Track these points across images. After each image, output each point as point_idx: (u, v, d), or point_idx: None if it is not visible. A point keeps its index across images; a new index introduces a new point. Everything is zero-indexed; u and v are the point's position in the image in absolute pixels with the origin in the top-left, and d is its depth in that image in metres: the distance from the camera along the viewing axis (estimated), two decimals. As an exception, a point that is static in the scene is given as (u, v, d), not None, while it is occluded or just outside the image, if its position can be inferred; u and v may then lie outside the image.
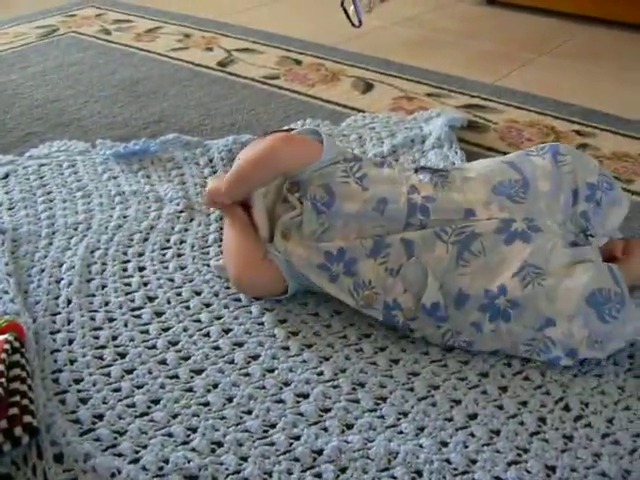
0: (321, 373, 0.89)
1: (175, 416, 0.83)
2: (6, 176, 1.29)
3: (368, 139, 1.43)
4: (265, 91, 1.67)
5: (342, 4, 1.91)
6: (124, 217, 1.18)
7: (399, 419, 0.83)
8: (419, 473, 0.76)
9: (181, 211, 1.19)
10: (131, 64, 1.81)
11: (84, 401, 0.84)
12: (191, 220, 1.18)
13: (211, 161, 1.34)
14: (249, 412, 0.83)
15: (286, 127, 1.46)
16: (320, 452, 0.79)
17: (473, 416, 0.83)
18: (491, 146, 1.46)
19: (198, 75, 1.75)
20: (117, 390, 0.86)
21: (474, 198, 0.94)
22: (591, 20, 2.19)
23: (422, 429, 0.81)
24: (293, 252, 0.97)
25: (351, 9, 1.93)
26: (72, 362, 0.90)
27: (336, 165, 0.99)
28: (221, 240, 1.12)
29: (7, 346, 0.82)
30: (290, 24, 2.14)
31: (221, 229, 1.14)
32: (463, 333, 0.89)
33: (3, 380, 0.77)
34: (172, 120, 1.51)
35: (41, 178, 1.29)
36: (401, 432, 0.81)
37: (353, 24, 1.94)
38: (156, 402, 0.84)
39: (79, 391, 0.86)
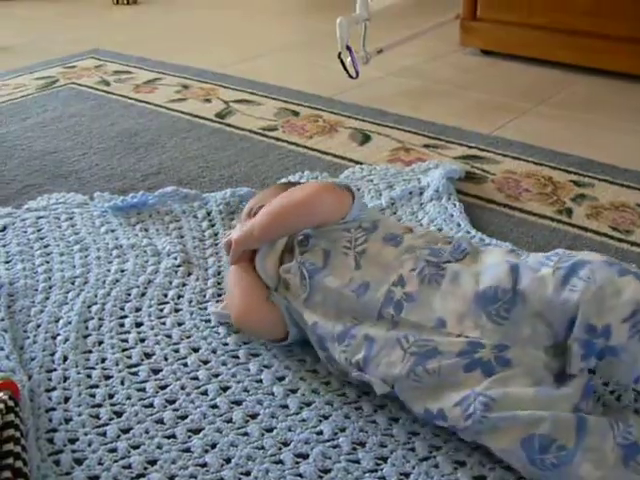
0: (320, 432, 0.87)
1: (172, 477, 0.81)
2: (3, 229, 1.29)
3: (366, 191, 1.44)
4: (263, 143, 1.68)
5: (339, 56, 1.93)
6: (122, 271, 1.17)
7: (401, 479, 0.81)
8: (422, 538, 0.74)
9: (179, 265, 1.18)
10: (130, 115, 1.82)
11: (79, 462, 0.83)
12: (189, 274, 1.17)
13: (209, 214, 1.34)
14: (247, 473, 0.82)
15: (285, 179, 1.47)
16: (320, 516, 0.77)
17: (480, 478, 0.81)
18: (489, 198, 1.46)
19: (196, 126, 1.76)
20: (113, 450, 0.84)
21: (452, 307, 0.86)
22: (587, 70, 2.22)
23: (424, 491, 0.80)
24: (292, 302, 0.97)
25: (348, 60, 1.95)
26: (67, 421, 0.88)
27: (347, 232, 0.98)
28: (219, 295, 1.11)
29: (1, 406, 0.81)
30: (288, 75, 2.17)
31: (219, 284, 1.14)
32: None
33: (-4, 443, 0.75)
34: (170, 172, 1.52)
35: (39, 231, 1.28)
36: None
37: (350, 75, 1.96)
38: (153, 463, 0.83)
39: (74, 451, 0.84)
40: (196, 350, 1.01)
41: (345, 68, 1.95)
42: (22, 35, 2.65)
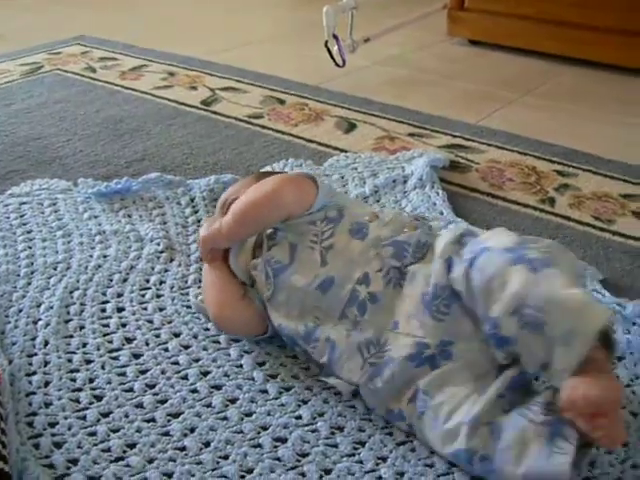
0: (299, 417, 0.88)
1: (151, 461, 0.81)
2: (-14, 214, 1.28)
3: (350, 179, 1.44)
4: (248, 130, 1.68)
5: (326, 44, 1.93)
6: (104, 257, 1.17)
7: (378, 464, 0.82)
8: (397, 520, 0.75)
9: (161, 251, 1.19)
10: (115, 102, 1.82)
11: (58, 445, 0.83)
12: (171, 260, 1.17)
13: (192, 200, 1.34)
14: (226, 457, 0.82)
15: (269, 167, 1.47)
16: (297, 499, 0.78)
17: (454, 463, 0.82)
18: (473, 187, 1.47)
19: (182, 114, 1.76)
20: (92, 434, 0.85)
21: (404, 309, 0.86)
22: (573, 61, 2.23)
23: (402, 474, 0.81)
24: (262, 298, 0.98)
25: (335, 49, 1.95)
26: (47, 405, 0.88)
27: (313, 226, 0.96)
28: (201, 281, 1.11)
29: (-20, 390, 0.81)
30: (275, 64, 2.16)
31: (201, 270, 1.13)
32: None
33: (-25, 426, 0.76)
34: (155, 159, 1.52)
35: (21, 217, 1.28)
36: (380, 477, 0.80)
37: (337, 64, 1.96)
38: (132, 446, 0.83)
39: (53, 435, 0.84)
40: (177, 335, 1.01)
41: (332, 56, 1.95)
42: (5, 22, 2.62)
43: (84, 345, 0.98)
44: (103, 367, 0.95)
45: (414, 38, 2.47)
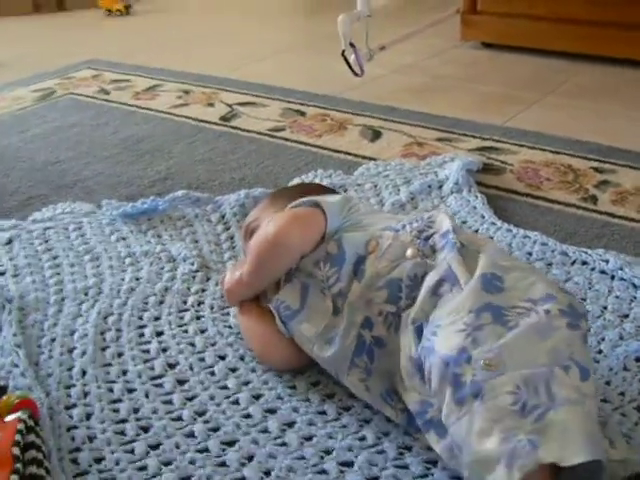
0: (363, 438, 0.82)
1: (209, 495, 0.75)
2: (9, 242, 1.23)
3: (383, 187, 1.38)
4: (272, 144, 1.63)
5: (343, 53, 1.88)
6: (137, 279, 1.11)
7: (453, 485, 0.76)
8: None
9: (196, 270, 1.13)
10: (132, 122, 1.77)
11: (107, 483, 0.77)
12: (207, 280, 1.11)
13: (223, 217, 1.28)
14: (289, 486, 0.76)
15: (297, 179, 1.42)
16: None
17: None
18: (510, 188, 1.41)
19: (202, 131, 1.71)
20: (143, 468, 0.78)
21: (402, 363, 0.79)
22: (590, 58, 2.19)
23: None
24: None
25: (352, 58, 1.90)
26: (91, 439, 0.82)
27: (317, 269, 0.88)
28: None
29: (21, 426, 0.75)
30: (290, 76, 2.12)
31: (240, 287, 1.07)
32: None
33: (19, 465, 0.69)
34: (179, 177, 1.46)
35: (46, 242, 1.22)
36: (457, 500, 0.74)
37: (355, 73, 1.91)
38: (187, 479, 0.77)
39: (101, 471, 0.78)
40: (222, 358, 0.95)
41: (349, 66, 1.90)
42: (15, 49, 2.59)
43: (124, 373, 0.92)
44: (147, 395, 0.88)
45: (427, 45, 2.43)
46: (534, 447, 0.61)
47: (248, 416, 0.85)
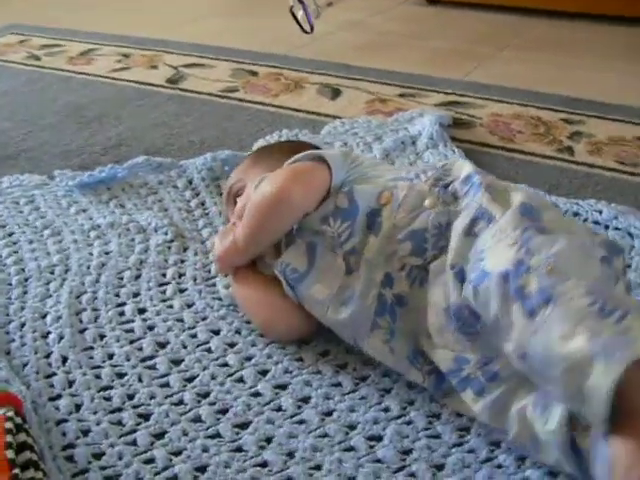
0: (387, 409, 0.75)
1: (229, 484, 0.67)
2: (-46, 220, 1.10)
3: (355, 145, 1.31)
4: (226, 105, 1.53)
5: (291, 9, 1.80)
6: (106, 253, 1.01)
7: (492, 450, 0.71)
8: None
9: (171, 240, 1.03)
10: (70, 89, 1.63)
11: (112, 480, 0.68)
12: (185, 250, 1.02)
13: (190, 182, 1.19)
14: (318, 467, 0.69)
15: (262, 141, 1.33)
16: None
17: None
18: (483, 142, 1.37)
19: (148, 95, 1.59)
20: (150, 461, 0.70)
21: (431, 320, 0.73)
22: (535, 12, 2.17)
23: (523, 459, 0.69)
24: None
25: (300, 14, 1.81)
26: (85, 433, 0.73)
27: (327, 225, 0.81)
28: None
29: (9, 425, 0.65)
30: (234, 37, 2.01)
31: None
32: None
33: (17, 471, 0.60)
34: (133, 143, 1.35)
35: (-4, 219, 1.10)
36: (499, 465, 0.69)
37: (304, 30, 1.83)
38: (202, 470, 0.69)
39: (103, 468, 0.69)
40: (217, 333, 0.86)
41: (298, 23, 1.82)
42: None
43: (110, 357, 0.83)
44: (140, 379, 0.79)
45: (370, 2, 2.36)
46: (628, 341, 0.56)
47: (257, 394, 0.77)
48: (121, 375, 0.80)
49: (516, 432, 0.66)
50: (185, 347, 0.84)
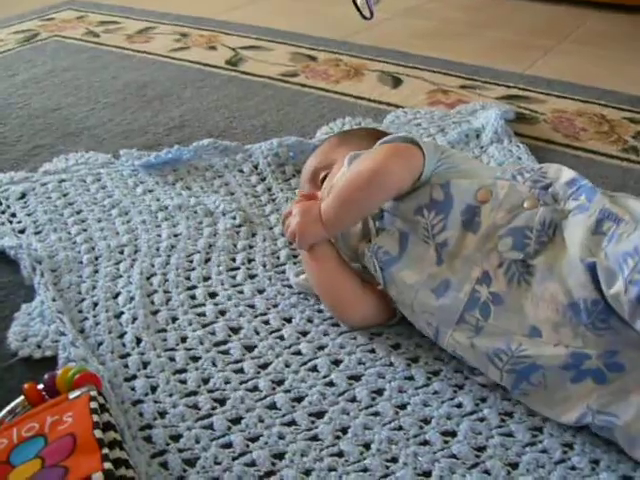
0: (460, 405, 0.75)
1: (307, 472, 0.68)
2: (23, 196, 1.11)
3: (418, 137, 1.30)
4: (288, 89, 1.53)
5: (351, -5, 1.78)
6: (175, 235, 1.02)
7: (565, 452, 0.70)
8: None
9: (239, 225, 1.04)
10: (131, 67, 1.64)
11: (191, 463, 0.69)
12: (253, 235, 1.03)
13: (256, 167, 1.19)
14: (394, 459, 0.69)
15: (326, 127, 1.33)
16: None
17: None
18: (547, 138, 1.34)
19: (209, 75, 1.59)
20: (227, 445, 0.70)
21: (544, 316, 0.72)
22: (595, 5, 2.13)
23: (596, 462, 0.69)
24: None
25: (359, 0, 1.80)
26: (162, 415, 0.74)
27: (420, 216, 0.80)
28: (295, 257, 0.97)
29: (94, 404, 0.66)
30: (291, 20, 2.00)
31: (290, 243, 0.99)
32: None
33: (107, 451, 0.61)
34: (196, 124, 1.36)
35: (65, 196, 1.11)
36: (574, 467, 0.69)
37: (364, 16, 1.80)
38: (279, 457, 0.69)
39: (181, 450, 0.70)
40: (289, 320, 0.87)
41: (358, 8, 1.79)
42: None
43: (183, 340, 0.84)
44: (214, 364, 0.80)
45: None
46: None
47: (331, 384, 0.78)
48: (195, 359, 0.81)
49: (628, 421, 0.66)
50: (258, 333, 0.85)
